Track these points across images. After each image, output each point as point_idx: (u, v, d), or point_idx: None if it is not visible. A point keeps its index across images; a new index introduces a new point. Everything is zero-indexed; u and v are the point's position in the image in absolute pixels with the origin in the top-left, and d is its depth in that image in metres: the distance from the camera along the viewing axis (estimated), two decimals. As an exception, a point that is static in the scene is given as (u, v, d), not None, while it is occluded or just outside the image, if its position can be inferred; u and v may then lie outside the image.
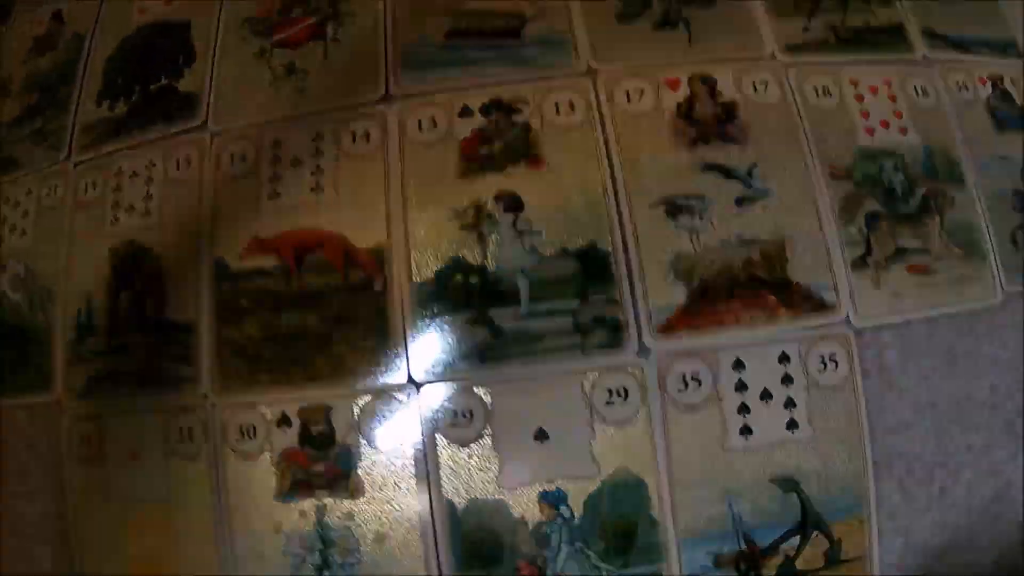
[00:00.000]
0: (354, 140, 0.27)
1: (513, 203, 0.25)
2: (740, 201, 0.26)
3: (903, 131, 0.29)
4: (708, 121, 0.27)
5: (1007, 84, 0.31)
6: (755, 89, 0.28)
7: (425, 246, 0.25)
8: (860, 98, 0.29)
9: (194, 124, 0.29)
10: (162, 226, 0.28)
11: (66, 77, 0.33)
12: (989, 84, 0.31)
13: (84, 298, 0.28)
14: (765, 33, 0.29)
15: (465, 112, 0.27)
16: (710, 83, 0.28)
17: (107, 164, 0.30)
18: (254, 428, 0.24)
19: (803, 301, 0.26)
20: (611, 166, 0.26)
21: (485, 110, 0.27)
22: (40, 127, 0.32)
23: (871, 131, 0.28)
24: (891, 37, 0.30)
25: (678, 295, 0.25)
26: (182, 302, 0.26)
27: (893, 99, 0.29)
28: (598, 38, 0.28)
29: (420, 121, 0.27)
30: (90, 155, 0.31)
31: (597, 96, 0.27)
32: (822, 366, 0.25)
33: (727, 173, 0.26)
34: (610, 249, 0.25)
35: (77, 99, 0.32)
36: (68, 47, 0.34)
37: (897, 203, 0.28)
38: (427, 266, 0.25)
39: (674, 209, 0.26)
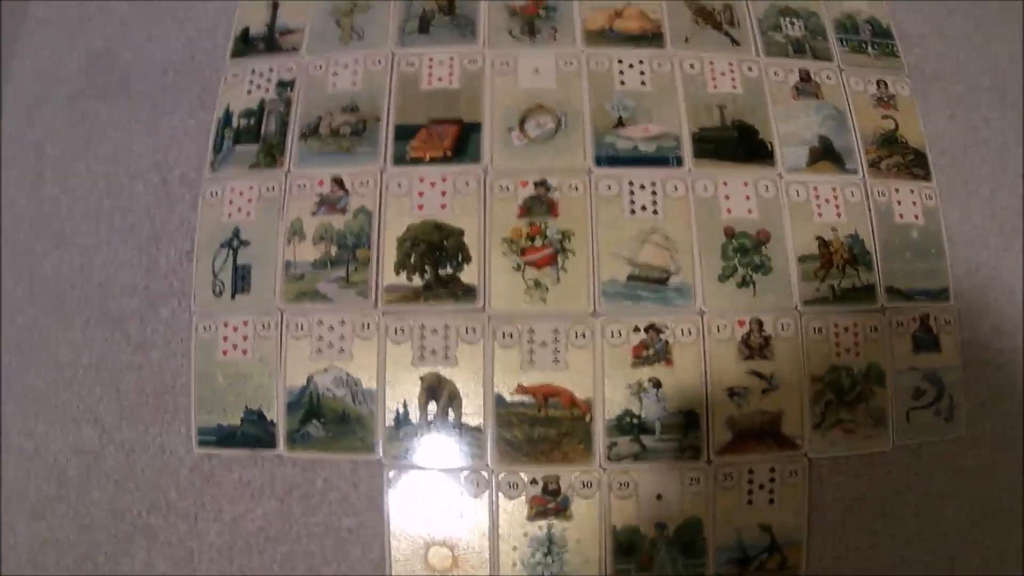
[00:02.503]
0: (576, 336, 0.57)
1: (658, 383, 0.57)
2: (764, 391, 0.59)
3: (857, 354, 0.61)
4: (755, 346, 0.59)
5: (931, 321, 0.60)
6: (782, 328, 0.59)
7: (613, 402, 0.56)
8: (837, 335, 0.60)
9: (477, 307, 0.56)
10: (458, 367, 0.56)
11: (360, 240, 0.55)
12: (918, 320, 0.61)
13: (401, 401, 0.53)
14: (793, 292, 0.60)
15: (636, 330, 0.57)
16: (759, 323, 0.59)
17: (412, 317, 0.55)
18: (517, 484, 0.57)
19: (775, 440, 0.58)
20: (705, 371, 0.58)
21: (645, 330, 0.58)
22: (346, 276, 0.55)
23: (839, 354, 0.61)
24: (866, 293, 0.61)
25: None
26: (473, 415, 0.57)
27: (856, 335, 0.61)
28: (708, 291, 0.58)
29: (611, 331, 0.57)
30: (395, 308, 0.55)
31: (703, 326, 0.58)
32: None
33: (760, 376, 0.59)
34: (700, 412, 0.57)
35: (377, 262, 0.56)
36: (358, 216, 0.56)
37: (843, 394, 0.60)
38: (613, 411, 0.56)
39: (731, 394, 0.58)
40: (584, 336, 0.54)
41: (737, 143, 0.59)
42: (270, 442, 0.55)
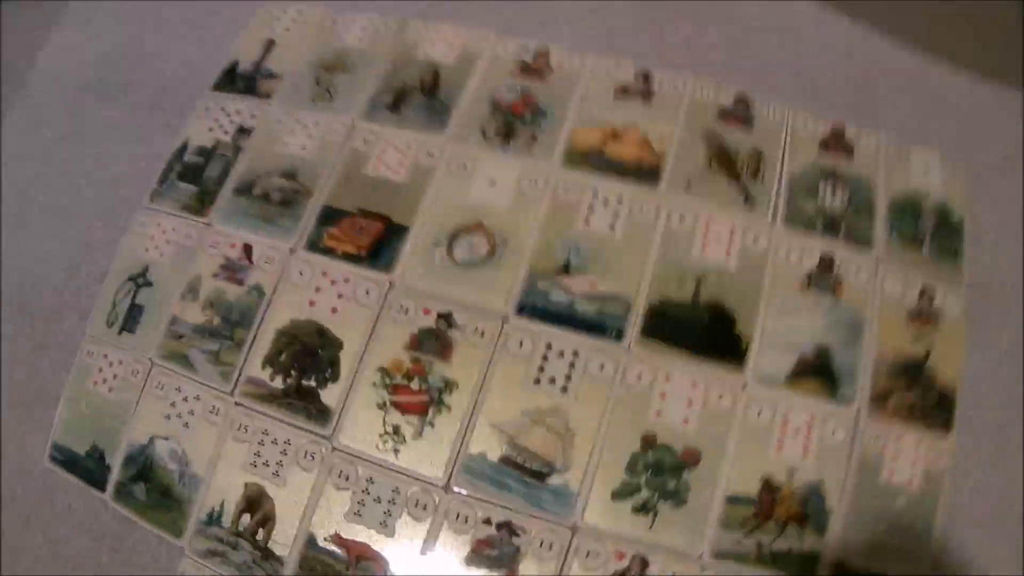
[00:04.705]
0: (415, 505, 0.48)
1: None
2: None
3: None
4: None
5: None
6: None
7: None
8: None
9: (324, 433, 0.49)
10: (284, 488, 0.49)
11: (244, 321, 0.52)
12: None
13: (219, 500, 0.49)
14: (705, 537, 0.48)
15: (487, 522, 0.48)
16: (644, 563, 0.47)
17: (259, 420, 0.50)
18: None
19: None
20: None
21: (498, 526, 0.48)
22: (217, 352, 0.52)
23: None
24: (803, 563, 0.47)
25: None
26: (281, 544, 0.49)
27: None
28: (593, 504, 0.48)
29: (456, 514, 0.48)
30: (247, 404, 0.51)
31: (571, 544, 0.48)
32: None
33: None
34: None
35: (248, 349, 0.52)
36: (251, 294, 0.53)
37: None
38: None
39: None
40: (425, 508, 0.47)
41: (703, 330, 0.49)
42: (102, 484, 0.53)
